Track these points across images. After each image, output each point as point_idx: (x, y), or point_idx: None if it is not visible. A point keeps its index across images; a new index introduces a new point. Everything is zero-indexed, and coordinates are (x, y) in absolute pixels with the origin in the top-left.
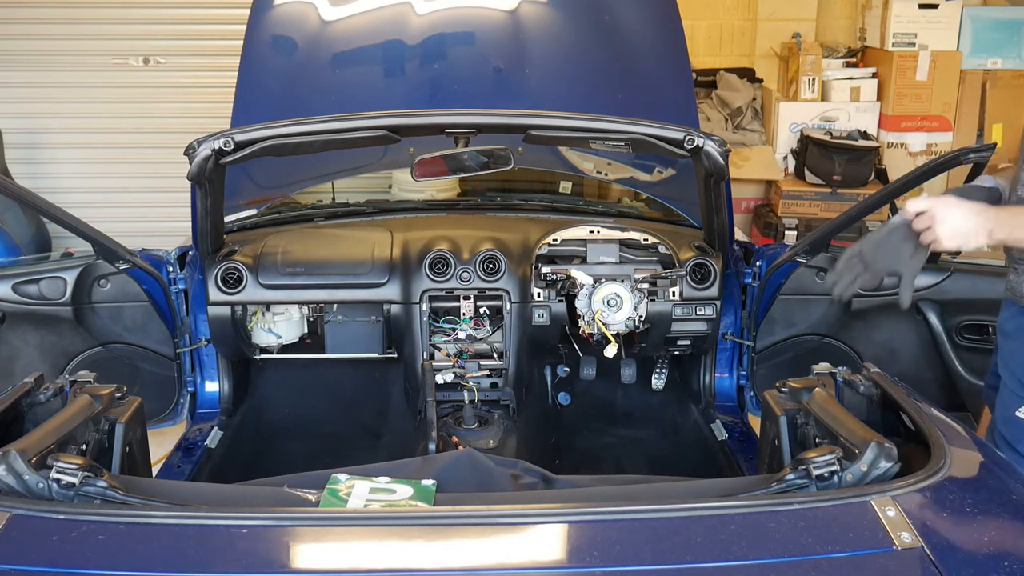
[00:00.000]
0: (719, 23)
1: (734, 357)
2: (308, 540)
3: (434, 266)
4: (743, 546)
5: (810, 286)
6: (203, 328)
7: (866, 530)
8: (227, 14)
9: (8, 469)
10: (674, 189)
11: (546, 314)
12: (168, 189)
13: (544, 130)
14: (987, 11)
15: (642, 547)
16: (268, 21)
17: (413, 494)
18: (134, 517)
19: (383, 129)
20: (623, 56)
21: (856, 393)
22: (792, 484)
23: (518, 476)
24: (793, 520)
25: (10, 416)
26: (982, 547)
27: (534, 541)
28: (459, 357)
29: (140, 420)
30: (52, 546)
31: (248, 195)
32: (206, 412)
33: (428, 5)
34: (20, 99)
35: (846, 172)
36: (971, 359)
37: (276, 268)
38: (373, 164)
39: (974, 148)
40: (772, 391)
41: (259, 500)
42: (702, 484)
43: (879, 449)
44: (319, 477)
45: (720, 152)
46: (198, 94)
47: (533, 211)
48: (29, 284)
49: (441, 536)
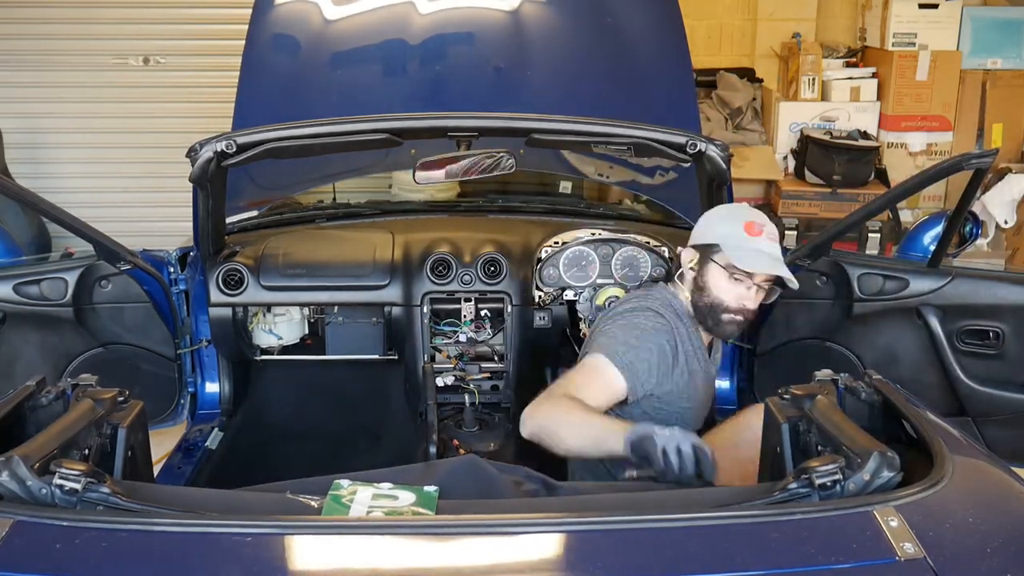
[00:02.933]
0: (719, 23)
1: (735, 361)
2: (311, 548)
3: (435, 268)
4: (746, 556)
5: (811, 290)
6: (204, 329)
7: (869, 540)
8: (227, 14)
9: (11, 475)
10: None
11: (547, 317)
12: (169, 189)
13: (547, 134)
14: (987, 11)
15: (644, 556)
16: (270, 20)
17: (416, 500)
18: (137, 524)
19: (385, 132)
20: (624, 57)
21: (858, 400)
22: (795, 493)
23: (520, 483)
24: (795, 530)
25: (12, 420)
26: (985, 558)
27: (537, 550)
28: (460, 359)
29: (142, 424)
30: (55, 553)
31: (249, 196)
32: (206, 413)
33: (430, 5)
34: (20, 99)
35: (846, 172)
36: (972, 364)
37: (277, 269)
38: (375, 166)
39: (976, 154)
40: (774, 398)
41: (262, 507)
42: (704, 492)
43: (882, 458)
44: (321, 483)
45: (722, 157)
46: (198, 94)
47: (534, 213)
48: (30, 285)
49: (444, 544)
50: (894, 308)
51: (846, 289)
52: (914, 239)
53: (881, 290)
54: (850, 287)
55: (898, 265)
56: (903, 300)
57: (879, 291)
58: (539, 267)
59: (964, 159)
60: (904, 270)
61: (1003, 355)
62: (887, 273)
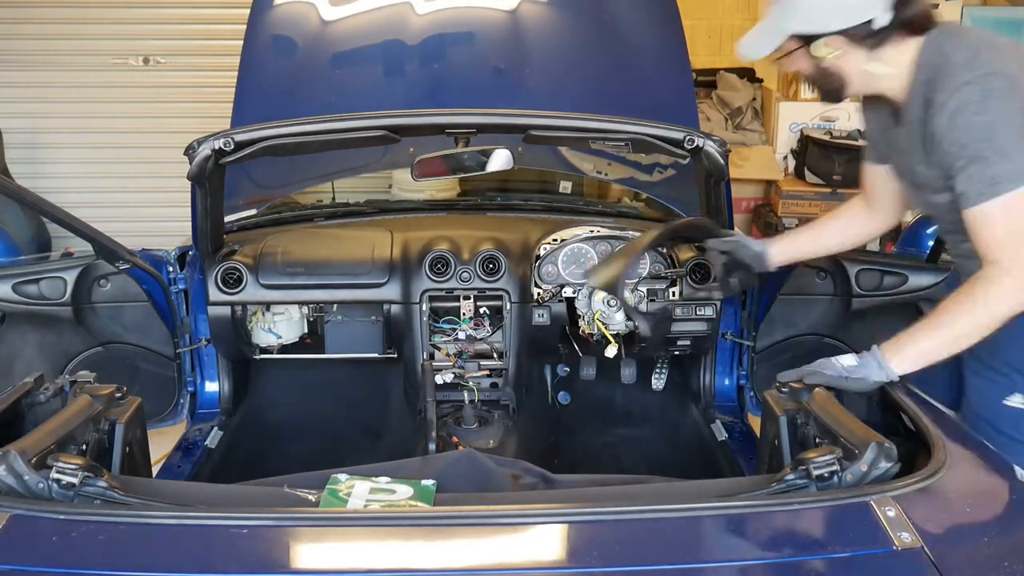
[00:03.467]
0: (719, 23)
1: (734, 357)
2: (308, 540)
3: (434, 266)
4: (743, 546)
5: (810, 286)
6: (203, 328)
7: (866, 530)
8: (227, 14)
9: (8, 469)
10: (674, 189)
11: (546, 314)
12: (168, 189)
13: (544, 130)
14: (987, 11)
15: (642, 547)
16: (268, 21)
17: (413, 494)
18: (134, 517)
19: (383, 129)
20: (623, 56)
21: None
22: (792, 484)
23: (518, 476)
24: (793, 520)
25: (10, 416)
26: (982, 547)
27: (534, 541)
28: (459, 357)
29: (140, 420)
30: (52, 546)
31: (248, 195)
32: (206, 412)
33: (428, 5)
34: (20, 99)
35: (846, 172)
36: None
37: (276, 268)
38: (373, 164)
39: None
40: (772, 391)
41: (259, 500)
42: (702, 484)
43: (879, 449)
44: (319, 477)
45: (720, 152)
46: (198, 94)
47: (533, 211)
48: (29, 284)
49: (441, 536)
50: (893, 304)
51: (845, 285)
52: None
53: (880, 286)
54: (849, 283)
55: (897, 261)
56: (902, 296)
57: (878, 287)
58: (538, 264)
59: None
60: (903, 266)
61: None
62: (886, 269)
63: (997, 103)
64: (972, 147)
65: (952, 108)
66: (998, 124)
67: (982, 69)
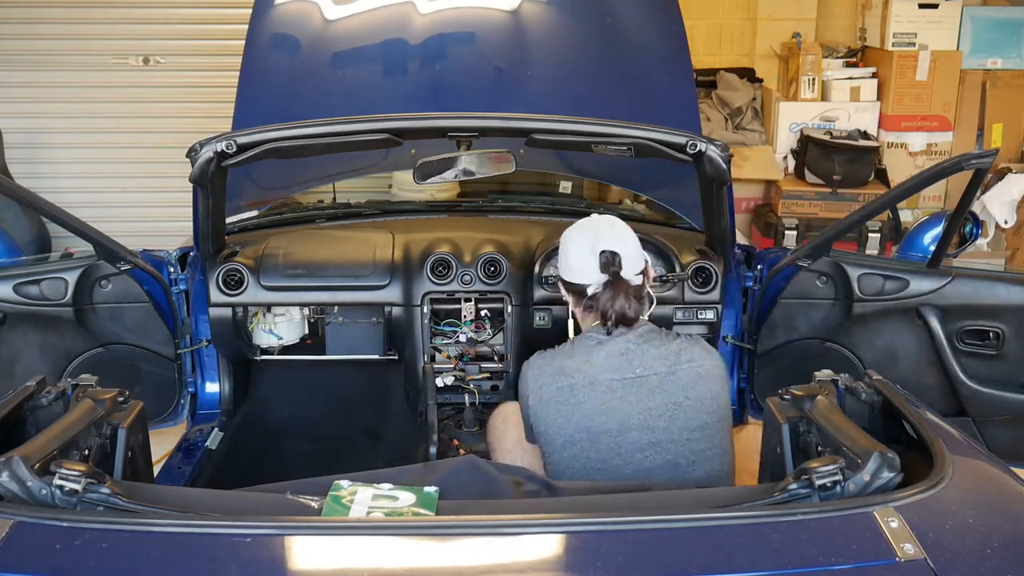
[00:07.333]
0: (719, 23)
1: (735, 361)
2: (312, 549)
3: (435, 268)
4: (746, 557)
5: (811, 290)
6: (204, 329)
7: (869, 541)
8: (227, 14)
9: (11, 476)
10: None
11: (547, 316)
12: (169, 189)
13: (547, 134)
14: (987, 11)
15: (645, 557)
16: (270, 20)
17: (416, 501)
18: (138, 525)
19: (386, 132)
20: (625, 57)
21: (858, 400)
22: (795, 494)
23: (520, 483)
24: (796, 531)
25: (12, 420)
26: (985, 559)
27: (537, 551)
28: (460, 359)
29: (142, 424)
30: (55, 554)
31: (249, 196)
32: (206, 413)
33: (431, 5)
34: (20, 99)
35: (846, 172)
36: (972, 364)
37: (277, 270)
38: (375, 165)
39: (976, 154)
40: (774, 398)
41: (262, 507)
42: (704, 493)
43: (882, 459)
44: (322, 483)
45: (722, 157)
46: (198, 94)
47: (534, 213)
48: (30, 285)
49: (444, 545)
50: (894, 308)
51: (846, 289)
52: (914, 239)
53: (881, 290)
54: (850, 287)
55: (898, 265)
56: (903, 300)
57: (879, 291)
58: (539, 267)
59: (964, 159)
60: (904, 270)
61: (1003, 355)
62: (887, 273)
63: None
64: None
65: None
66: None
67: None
